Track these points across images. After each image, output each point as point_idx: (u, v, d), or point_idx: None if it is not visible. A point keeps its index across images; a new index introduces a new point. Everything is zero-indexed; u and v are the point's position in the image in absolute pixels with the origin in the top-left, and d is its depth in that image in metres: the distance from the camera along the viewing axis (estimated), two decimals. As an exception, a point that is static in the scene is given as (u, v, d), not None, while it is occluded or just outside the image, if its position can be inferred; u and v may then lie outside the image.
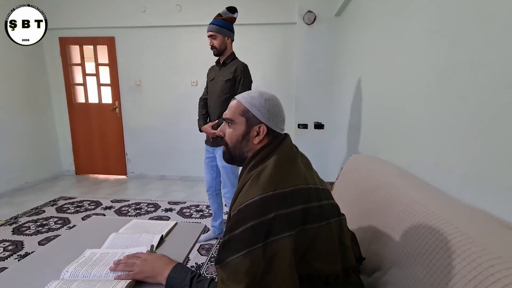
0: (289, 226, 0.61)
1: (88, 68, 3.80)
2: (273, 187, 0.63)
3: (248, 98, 0.76)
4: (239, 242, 0.61)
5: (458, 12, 0.88)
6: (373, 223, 0.90)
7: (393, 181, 0.97)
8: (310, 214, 0.64)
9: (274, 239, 0.60)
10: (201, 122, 2.00)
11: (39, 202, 2.92)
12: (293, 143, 0.78)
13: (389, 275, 0.71)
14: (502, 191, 0.68)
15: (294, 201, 0.63)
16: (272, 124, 0.75)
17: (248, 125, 0.75)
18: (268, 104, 0.75)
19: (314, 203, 0.66)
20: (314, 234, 0.64)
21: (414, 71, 1.17)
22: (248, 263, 0.59)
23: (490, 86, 0.73)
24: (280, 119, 0.77)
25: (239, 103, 0.76)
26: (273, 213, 0.60)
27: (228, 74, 1.86)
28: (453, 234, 0.59)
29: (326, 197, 0.72)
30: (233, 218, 0.65)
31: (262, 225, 0.60)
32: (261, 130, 0.74)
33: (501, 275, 0.45)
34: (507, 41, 0.68)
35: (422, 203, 0.75)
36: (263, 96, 0.76)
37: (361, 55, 2.05)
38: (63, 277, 0.73)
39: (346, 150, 2.39)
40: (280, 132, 0.78)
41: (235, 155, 0.78)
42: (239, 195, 0.70)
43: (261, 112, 0.74)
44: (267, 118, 0.74)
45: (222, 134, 0.79)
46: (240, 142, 0.76)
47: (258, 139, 0.74)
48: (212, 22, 1.84)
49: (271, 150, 0.72)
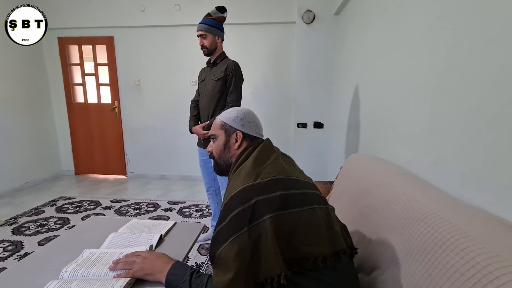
0: (270, 210, 0.65)
1: (87, 68, 3.79)
2: (254, 178, 0.70)
3: (224, 115, 0.89)
4: (227, 231, 0.66)
5: (457, 11, 0.88)
6: (372, 222, 0.90)
7: (392, 180, 0.97)
8: (290, 200, 0.68)
9: (258, 223, 0.64)
10: (192, 123, 1.98)
11: (38, 202, 2.92)
12: (273, 145, 0.86)
13: (388, 273, 0.71)
14: (500, 190, 0.68)
15: (274, 188, 0.68)
16: (247, 129, 0.86)
17: (227, 134, 0.87)
18: (240, 113, 0.88)
19: (294, 191, 0.70)
20: (296, 218, 0.66)
21: (413, 70, 1.17)
22: (236, 248, 0.63)
23: (489, 85, 0.73)
24: (254, 125, 0.88)
25: (218, 120, 0.89)
26: (254, 199, 0.66)
27: (219, 73, 1.84)
28: (451, 232, 0.59)
29: (308, 187, 0.75)
30: (221, 213, 0.70)
31: (245, 211, 0.65)
32: (238, 136, 0.86)
33: (499, 273, 0.46)
34: (506, 40, 0.68)
35: (421, 201, 0.75)
36: (236, 110, 0.89)
37: (360, 54, 2.05)
38: (62, 277, 0.73)
39: (345, 149, 2.39)
40: (258, 137, 0.88)
41: (222, 165, 0.89)
42: (225, 193, 0.76)
43: (235, 121, 0.87)
44: (241, 125, 0.86)
45: (211, 150, 0.90)
46: (223, 151, 0.87)
47: (237, 144, 0.85)
48: (201, 21, 1.83)
49: (251, 151, 0.81)
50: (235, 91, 1.84)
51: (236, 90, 1.84)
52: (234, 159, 0.85)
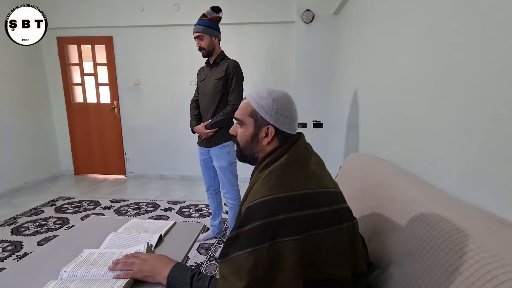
0: (297, 230, 0.60)
1: (86, 67, 3.79)
2: (284, 189, 0.63)
3: (256, 98, 0.75)
4: (246, 239, 0.62)
5: (456, 10, 0.88)
6: (371, 221, 0.90)
7: (391, 180, 0.97)
8: (320, 219, 0.63)
9: (280, 241, 0.60)
10: (194, 122, 1.97)
11: (38, 202, 2.92)
12: (307, 142, 0.77)
13: (388, 272, 0.72)
14: (499, 189, 0.68)
15: (305, 205, 0.63)
16: (281, 125, 0.74)
17: (257, 126, 0.75)
18: (276, 104, 0.73)
19: (324, 208, 0.65)
20: (324, 239, 0.63)
21: (412, 69, 1.17)
22: (252, 261, 0.59)
23: (488, 84, 0.73)
24: (289, 120, 0.75)
25: (248, 104, 0.76)
26: (282, 215, 0.60)
27: (220, 73, 1.84)
28: (451, 231, 0.59)
29: (338, 201, 0.70)
30: (243, 215, 0.65)
31: (270, 226, 0.60)
32: (270, 131, 0.74)
33: (498, 272, 0.46)
34: (505, 39, 0.68)
35: (420, 201, 0.75)
36: (271, 96, 0.74)
37: (359, 54, 2.05)
38: (62, 277, 0.73)
39: (344, 148, 2.39)
40: (292, 133, 0.76)
41: (247, 155, 0.79)
42: (249, 193, 0.70)
43: (268, 113, 0.73)
44: (275, 120, 0.73)
45: (235, 133, 0.80)
46: (250, 143, 0.76)
47: (267, 140, 0.74)
48: (197, 23, 1.83)
49: (284, 151, 0.72)
50: (237, 90, 1.84)
51: (237, 89, 1.85)
52: (261, 154, 0.76)
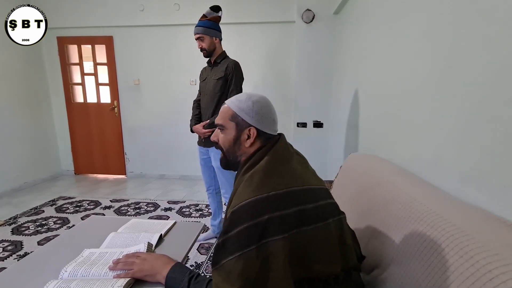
0: (283, 229, 0.60)
1: (86, 67, 3.79)
2: (267, 189, 0.63)
3: (236, 102, 0.75)
4: (234, 243, 0.61)
5: (456, 10, 0.88)
6: (371, 221, 0.90)
7: (391, 179, 0.97)
8: (306, 216, 0.64)
9: (268, 241, 0.60)
10: (193, 122, 2.00)
11: (38, 202, 2.92)
12: (288, 142, 0.78)
13: (388, 272, 0.71)
14: (500, 189, 0.68)
15: (289, 203, 0.63)
16: (262, 126, 0.74)
17: (238, 129, 0.75)
18: (256, 106, 0.74)
19: (309, 205, 0.65)
20: (310, 235, 0.63)
21: (412, 69, 1.17)
22: (241, 264, 0.59)
23: (488, 84, 0.73)
24: (270, 120, 0.76)
25: (228, 108, 0.76)
26: (267, 215, 0.60)
27: (219, 73, 1.85)
28: (451, 231, 0.59)
29: (323, 197, 0.71)
30: (228, 220, 0.65)
31: (256, 227, 0.60)
32: (251, 132, 0.74)
33: (498, 272, 0.46)
34: (505, 39, 0.68)
35: (421, 200, 0.75)
36: (250, 99, 0.75)
37: (360, 53, 2.05)
38: (62, 277, 0.73)
39: (345, 148, 2.39)
40: (273, 134, 0.77)
41: (230, 159, 0.79)
42: (233, 197, 0.70)
43: (249, 115, 0.74)
44: (256, 121, 0.74)
45: (217, 139, 0.80)
46: (232, 146, 0.77)
47: (250, 142, 0.74)
48: (197, 24, 1.83)
49: (265, 152, 0.72)
50: (235, 90, 1.85)
51: (236, 89, 1.85)
52: (244, 157, 0.76)
